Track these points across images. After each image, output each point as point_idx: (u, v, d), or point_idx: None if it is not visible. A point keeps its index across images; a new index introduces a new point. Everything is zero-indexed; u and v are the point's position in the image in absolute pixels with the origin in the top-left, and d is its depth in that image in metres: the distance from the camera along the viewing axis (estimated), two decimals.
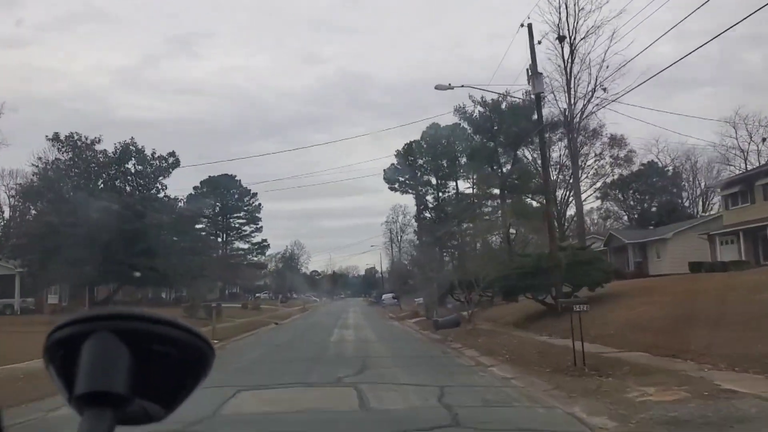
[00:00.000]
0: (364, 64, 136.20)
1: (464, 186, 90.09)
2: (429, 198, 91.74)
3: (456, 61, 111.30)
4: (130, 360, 0.91)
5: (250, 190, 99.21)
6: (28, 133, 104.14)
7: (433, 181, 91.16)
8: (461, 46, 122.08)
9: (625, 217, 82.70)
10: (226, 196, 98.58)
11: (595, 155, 63.99)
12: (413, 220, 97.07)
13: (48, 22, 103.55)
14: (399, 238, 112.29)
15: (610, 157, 66.88)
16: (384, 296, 70.82)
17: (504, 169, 54.69)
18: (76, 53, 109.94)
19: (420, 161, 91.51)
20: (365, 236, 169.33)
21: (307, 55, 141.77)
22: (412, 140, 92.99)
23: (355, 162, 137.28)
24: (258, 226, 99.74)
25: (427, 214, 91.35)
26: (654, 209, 71.72)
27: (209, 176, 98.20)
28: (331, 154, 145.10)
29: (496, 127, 52.51)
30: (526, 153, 54.67)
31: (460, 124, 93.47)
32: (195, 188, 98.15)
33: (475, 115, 53.79)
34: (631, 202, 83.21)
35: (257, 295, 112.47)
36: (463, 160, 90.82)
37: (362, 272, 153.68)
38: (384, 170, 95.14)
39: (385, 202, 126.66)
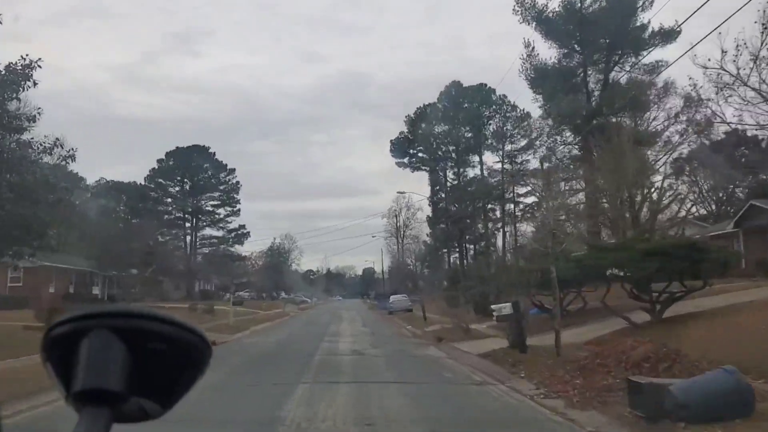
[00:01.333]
0: (363, 64, 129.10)
1: (492, 160, 69.81)
2: (446, 175, 71.13)
3: (457, 61, 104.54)
4: (128, 357, 0.88)
5: (226, 165, 78.61)
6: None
7: (453, 153, 70.78)
8: (462, 47, 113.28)
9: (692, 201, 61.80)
10: (196, 172, 77.89)
11: (669, 117, 43.72)
12: (427, 203, 76.89)
13: (47, 17, 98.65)
14: (402, 233, 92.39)
15: (686, 121, 46.52)
16: (393, 298, 50.03)
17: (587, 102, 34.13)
18: (76, 49, 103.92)
19: (437, 129, 71.24)
20: (364, 236, 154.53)
21: (307, 54, 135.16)
22: (427, 103, 72.90)
23: (353, 162, 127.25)
24: (235, 209, 79.04)
25: (443, 194, 70.67)
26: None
27: (177, 147, 77.72)
28: (330, 153, 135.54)
29: (578, 35, 32.11)
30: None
31: (486, 84, 73.42)
32: (159, 161, 77.53)
33: (548, 11, 33.17)
34: (708, 183, 62.24)
35: (238, 293, 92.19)
36: (492, 126, 70.48)
37: (359, 272, 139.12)
38: (391, 141, 74.70)
39: (384, 202, 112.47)
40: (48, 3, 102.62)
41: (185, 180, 77.40)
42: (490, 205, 66.66)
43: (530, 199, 65.07)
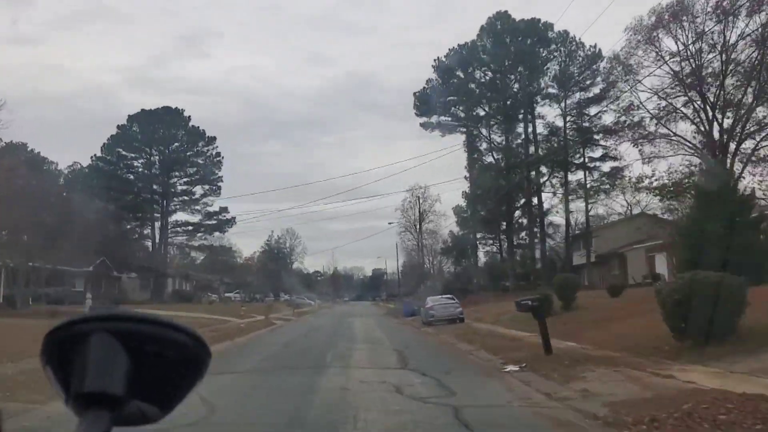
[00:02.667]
0: (370, 65, 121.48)
1: (553, 113, 51.53)
2: (490, 133, 52.46)
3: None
4: (128, 361, 0.88)
5: (204, 131, 60.70)
6: (35, 130, 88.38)
7: (501, 105, 51.91)
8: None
9: None
10: (167, 141, 60.09)
11: None
12: (444, 198, 58.74)
13: (57, 20, 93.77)
14: (419, 225, 74.96)
15: None
16: (431, 300, 31.21)
17: None
18: (85, 51, 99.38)
19: (478, 74, 53.06)
20: (372, 236, 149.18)
21: (313, 55, 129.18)
22: (464, 42, 54.62)
23: (361, 163, 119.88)
24: (214, 187, 61.02)
25: (491, 158, 51.86)
26: None
27: (142, 109, 59.99)
28: (337, 154, 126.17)
29: None
30: None
31: (540, 19, 55.26)
32: (120, 127, 59.77)
33: None
34: None
35: (227, 295, 74.53)
36: (551, 72, 52.14)
37: (368, 273, 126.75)
38: (414, 94, 56.52)
39: (393, 203, 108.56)
40: (56, 6, 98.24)
41: (152, 150, 59.61)
42: (549, 174, 48.32)
43: (607, 165, 47.19)
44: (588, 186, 45.96)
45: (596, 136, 46.32)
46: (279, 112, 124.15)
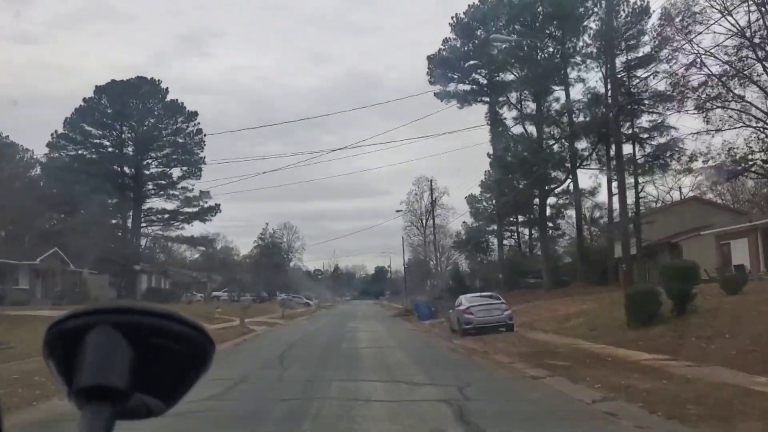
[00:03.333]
0: (373, 64, 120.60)
1: (595, 77, 43.26)
2: (521, 100, 43.76)
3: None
4: (131, 354, 0.86)
5: (183, 105, 52.35)
6: (38, 130, 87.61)
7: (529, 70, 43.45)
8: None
9: None
10: (140, 115, 51.70)
11: None
12: (453, 191, 49.88)
13: (57, 19, 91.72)
14: (426, 220, 67.35)
15: None
16: (466, 300, 21.89)
17: None
18: (86, 50, 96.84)
19: (504, 33, 44.62)
20: (375, 234, 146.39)
21: (316, 55, 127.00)
22: None
23: (364, 162, 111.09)
24: (194, 169, 52.54)
25: (522, 129, 43.20)
26: None
27: (112, 80, 51.68)
28: (339, 154, 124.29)
29: None
30: None
31: None
32: (86, 100, 51.41)
33: None
34: None
35: (214, 294, 66.24)
36: (590, 29, 43.75)
37: (371, 271, 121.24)
38: (428, 58, 47.97)
39: (396, 202, 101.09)
40: (56, 5, 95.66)
41: (123, 127, 51.24)
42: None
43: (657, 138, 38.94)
44: (640, 161, 37.68)
45: (647, 101, 38.16)
46: (280, 111, 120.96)
